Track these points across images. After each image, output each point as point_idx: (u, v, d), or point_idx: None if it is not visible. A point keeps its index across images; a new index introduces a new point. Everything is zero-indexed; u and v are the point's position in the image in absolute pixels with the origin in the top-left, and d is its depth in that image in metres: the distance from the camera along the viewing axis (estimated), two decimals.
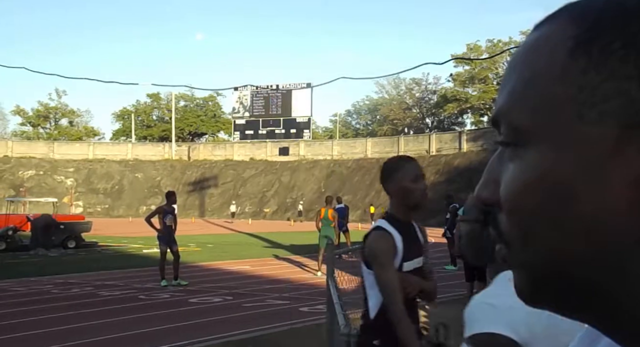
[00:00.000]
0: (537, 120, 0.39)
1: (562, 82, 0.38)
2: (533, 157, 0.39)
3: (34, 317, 8.11)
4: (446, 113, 62.79)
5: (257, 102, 57.58)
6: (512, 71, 0.41)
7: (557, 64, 0.38)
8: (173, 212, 11.24)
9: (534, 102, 0.39)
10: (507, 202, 0.40)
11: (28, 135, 69.01)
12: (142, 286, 11.04)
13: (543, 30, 0.41)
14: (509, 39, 52.84)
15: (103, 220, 39.95)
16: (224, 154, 57.55)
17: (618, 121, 0.36)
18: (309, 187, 51.06)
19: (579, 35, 0.38)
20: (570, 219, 0.37)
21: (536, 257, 0.39)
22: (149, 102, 72.78)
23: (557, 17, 0.41)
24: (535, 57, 0.40)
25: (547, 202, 0.38)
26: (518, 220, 0.40)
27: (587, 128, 0.37)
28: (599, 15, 0.38)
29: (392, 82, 69.24)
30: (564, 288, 0.39)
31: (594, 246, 0.37)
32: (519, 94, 0.40)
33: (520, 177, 0.39)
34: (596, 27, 0.38)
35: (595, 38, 0.38)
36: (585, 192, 0.36)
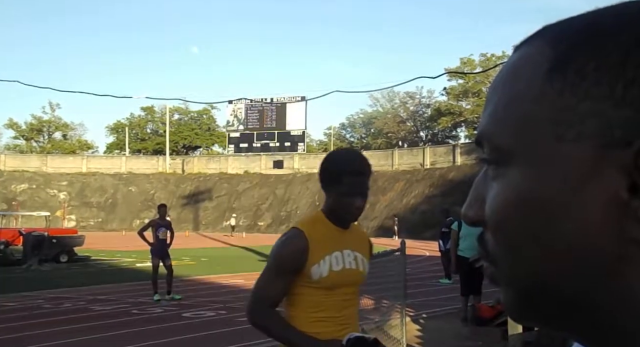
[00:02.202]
0: (518, 141, 0.39)
1: (540, 103, 0.38)
2: (515, 176, 0.39)
3: (25, 332, 8.02)
4: (440, 126, 63.01)
5: (251, 116, 57.64)
6: (493, 92, 0.42)
7: (534, 86, 0.39)
8: (168, 225, 11.19)
9: (515, 123, 0.40)
10: (491, 220, 0.41)
11: (21, 148, 68.74)
12: (135, 301, 10.95)
13: (521, 52, 0.42)
14: (502, 53, 53.22)
15: (96, 234, 39.71)
16: (218, 168, 57.48)
17: (595, 141, 0.36)
18: (304, 200, 50.99)
19: (555, 57, 0.39)
20: (552, 237, 0.38)
21: (521, 274, 0.40)
22: (143, 116, 72.72)
23: (534, 39, 0.41)
24: (514, 79, 0.41)
25: (529, 220, 0.38)
26: (502, 238, 0.40)
27: (566, 148, 0.37)
28: (574, 37, 0.39)
29: (386, 95, 69.51)
30: (549, 304, 0.39)
31: (576, 263, 0.37)
32: (499, 115, 0.41)
33: (502, 195, 0.40)
34: (571, 49, 0.38)
35: (570, 60, 0.38)
36: (566, 210, 0.37)
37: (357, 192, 2.20)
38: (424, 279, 14.10)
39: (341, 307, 2.24)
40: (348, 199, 2.20)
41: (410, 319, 8.60)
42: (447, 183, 44.24)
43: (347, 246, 2.28)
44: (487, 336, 7.68)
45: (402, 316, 7.22)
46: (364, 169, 2.22)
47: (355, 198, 2.20)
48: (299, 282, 2.21)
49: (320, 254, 2.20)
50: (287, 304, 2.26)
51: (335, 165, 2.24)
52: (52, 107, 70.02)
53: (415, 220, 40.35)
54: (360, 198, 2.21)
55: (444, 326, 8.63)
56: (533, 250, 0.39)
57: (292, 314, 2.24)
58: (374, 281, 10.34)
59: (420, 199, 44.29)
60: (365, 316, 8.53)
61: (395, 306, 7.59)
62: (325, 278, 2.19)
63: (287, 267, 2.19)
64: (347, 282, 2.25)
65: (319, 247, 2.20)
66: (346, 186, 2.19)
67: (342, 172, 2.19)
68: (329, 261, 2.20)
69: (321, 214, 2.32)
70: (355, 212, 2.24)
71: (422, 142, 64.45)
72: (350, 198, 2.20)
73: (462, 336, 8.10)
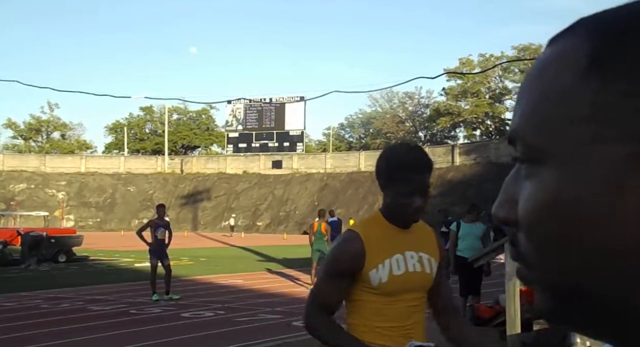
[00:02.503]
0: (552, 140, 0.38)
1: (576, 102, 0.37)
2: (549, 176, 0.38)
3: (24, 332, 8.01)
4: (439, 127, 63.04)
5: (250, 116, 57.62)
6: (526, 89, 0.41)
7: (570, 83, 0.38)
8: (166, 225, 11.18)
9: (549, 122, 0.39)
10: (525, 221, 0.40)
11: (20, 148, 68.66)
12: (133, 301, 10.94)
13: (556, 47, 0.40)
14: (500, 54, 53.33)
15: (95, 234, 39.68)
16: (217, 167, 57.45)
17: (633, 140, 0.35)
18: (302, 200, 50.99)
19: (592, 53, 0.38)
20: (589, 239, 0.37)
21: (555, 277, 0.39)
22: (142, 115, 72.68)
23: (570, 33, 0.40)
24: (548, 76, 0.39)
25: (565, 221, 0.38)
26: (536, 239, 0.39)
27: (602, 148, 0.36)
28: (613, 31, 0.37)
29: (385, 95, 69.58)
30: (585, 308, 0.38)
31: (614, 267, 0.36)
32: (533, 113, 0.40)
33: (536, 196, 0.39)
34: (611, 44, 0.37)
35: (609, 55, 0.37)
36: (604, 212, 0.36)
37: (416, 191, 2.01)
38: None
39: (406, 315, 2.06)
40: (406, 199, 2.02)
41: None
42: (446, 183, 44.26)
43: (409, 248, 2.10)
44: (486, 336, 7.68)
45: None
46: (424, 165, 2.04)
47: (414, 197, 2.01)
48: (357, 288, 2.04)
49: (378, 257, 2.03)
50: (347, 312, 2.10)
51: (393, 162, 2.04)
52: (51, 107, 70.02)
53: None
54: (419, 197, 2.02)
55: None
56: (568, 252, 0.38)
57: (351, 322, 2.07)
58: None
59: None
60: None
61: None
62: (386, 283, 2.01)
63: (342, 271, 2.03)
64: (411, 287, 2.07)
65: (377, 250, 2.03)
66: (404, 184, 2.01)
67: (400, 170, 2.01)
68: (388, 265, 2.03)
69: (379, 215, 2.12)
70: (415, 213, 2.05)
71: (421, 142, 64.45)
72: (409, 197, 2.01)
73: None
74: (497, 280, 9.47)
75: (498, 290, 8.90)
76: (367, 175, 50.42)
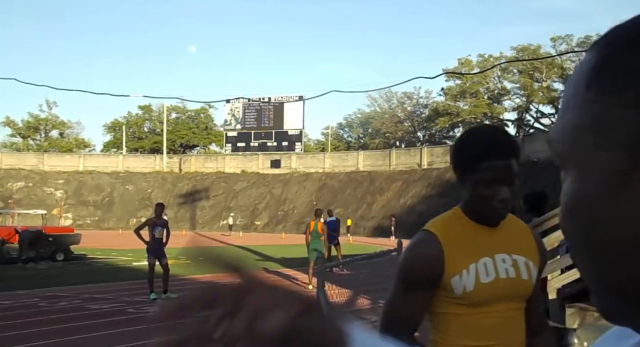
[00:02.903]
0: (567, 147, 0.41)
1: (581, 111, 0.40)
2: (568, 181, 0.42)
3: (22, 330, 8.00)
4: (437, 127, 63.07)
5: (249, 115, 57.60)
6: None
7: (579, 94, 0.41)
8: (164, 224, 11.18)
9: (564, 130, 0.42)
10: (560, 223, 0.43)
11: (18, 146, 68.55)
12: (131, 299, 10.93)
13: (583, 57, 0.43)
14: (499, 54, 53.35)
15: (93, 232, 39.65)
16: (215, 167, 57.43)
17: (627, 149, 0.37)
18: (301, 199, 51.00)
19: (595, 65, 0.40)
20: (599, 241, 0.39)
21: (588, 276, 0.42)
22: (141, 114, 72.61)
23: (594, 44, 0.43)
24: (568, 87, 0.43)
25: (579, 224, 0.40)
26: (568, 241, 0.43)
27: (602, 156, 0.38)
28: (613, 44, 0.40)
29: (383, 95, 69.61)
30: (620, 305, 0.40)
31: (626, 267, 0.38)
32: (557, 122, 0.43)
33: (562, 200, 0.42)
34: (609, 56, 0.39)
35: (606, 67, 0.39)
36: (610, 216, 0.38)
37: (500, 180, 1.65)
38: None
39: (500, 331, 1.70)
40: (489, 189, 1.66)
41: None
42: (444, 183, 44.29)
43: (500, 250, 1.73)
44: None
45: None
46: (508, 149, 1.67)
47: (499, 187, 1.66)
48: (440, 298, 1.73)
49: (461, 262, 1.70)
50: (431, 327, 1.80)
51: (471, 147, 1.69)
52: (49, 105, 69.92)
53: (412, 220, 40.35)
54: (505, 187, 1.66)
55: None
56: (588, 254, 0.40)
57: (435, 340, 1.78)
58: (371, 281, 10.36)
59: (417, 199, 44.35)
60: (362, 315, 8.54)
61: None
62: (472, 293, 1.68)
63: (417, 280, 1.72)
64: (505, 296, 1.71)
65: (459, 253, 1.71)
66: (485, 172, 1.65)
67: (480, 155, 1.66)
68: (474, 271, 1.69)
69: (459, 211, 1.78)
70: (499, 206, 1.68)
71: (420, 142, 64.51)
72: (492, 188, 1.66)
73: None
74: None
75: None
76: (366, 175, 50.46)
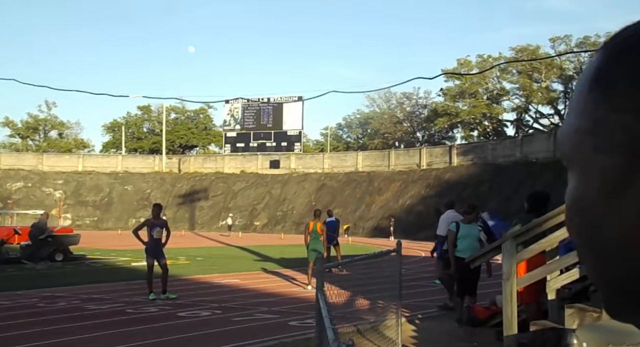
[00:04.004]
0: (571, 149, 0.43)
1: (583, 115, 0.41)
2: (571, 182, 0.43)
3: (20, 331, 7.99)
4: (437, 127, 63.06)
5: (248, 115, 57.58)
6: None
7: (582, 97, 0.42)
8: (163, 225, 11.17)
9: (568, 133, 0.43)
10: (565, 221, 0.45)
11: (17, 147, 68.48)
12: (130, 300, 10.92)
13: (591, 59, 0.44)
14: (498, 55, 53.35)
15: (92, 232, 39.62)
16: (214, 167, 57.40)
17: (625, 152, 0.38)
18: (300, 200, 50.98)
19: (596, 68, 0.41)
20: (599, 241, 0.40)
21: (591, 275, 0.43)
22: (140, 115, 72.59)
23: (601, 47, 0.43)
24: (575, 90, 0.44)
25: (580, 224, 0.42)
26: (573, 240, 0.44)
27: (601, 159, 0.39)
28: (614, 49, 0.41)
29: (383, 96, 69.61)
30: (623, 303, 0.41)
31: (625, 267, 0.39)
32: (564, 123, 0.44)
33: (566, 200, 0.44)
34: (610, 60, 0.40)
35: (606, 71, 0.40)
36: (605, 217, 0.40)
37: None
38: (419, 280, 14.11)
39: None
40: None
41: (406, 319, 8.60)
42: (443, 184, 44.28)
43: None
44: (482, 337, 7.69)
45: (398, 317, 7.22)
46: None
47: None
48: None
49: None
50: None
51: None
52: (49, 106, 69.87)
53: (411, 220, 40.36)
54: None
55: (439, 326, 8.64)
56: (589, 252, 0.42)
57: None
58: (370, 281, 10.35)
59: (416, 199, 44.33)
60: (361, 316, 8.54)
61: (390, 306, 7.59)
62: None
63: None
64: None
65: None
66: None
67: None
68: None
69: None
70: None
71: (419, 142, 64.52)
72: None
73: (457, 336, 8.10)
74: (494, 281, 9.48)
75: (495, 291, 8.91)
76: (365, 175, 50.44)
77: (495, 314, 8.02)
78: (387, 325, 7.57)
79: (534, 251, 6.58)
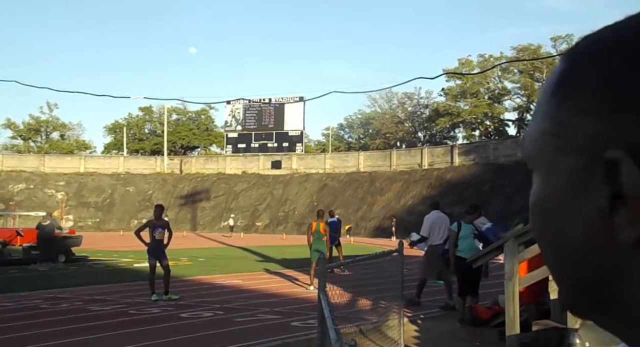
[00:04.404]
0: (535, 152, 0.44)
1: (547, 117, 0.42)
2: (535, 183, 0.44)
3: (23, 332, 8.01)
4: (438, 127, 63.06)
5: (249, 116, 57.62)
6: None
7: (545, 101, 0.43)
8: (165, 226, 11.18)
9: (534, 135, 0.44)
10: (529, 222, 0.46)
11: (19, 148, 68.60)
12: (132, 301, 10.93)
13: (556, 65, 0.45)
14: (500, 54, 53.35)
15: (94, 234, 39.66)
16: (216, 168, 57.44)
17: (584, 154, 0.39)
18: (301, 200, 50.99)
19: (560, 73, 0.43)
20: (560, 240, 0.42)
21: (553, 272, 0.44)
22: (141, 116, 72.68)
23: (564, 53, 0.45)
24: (540, 93, 0.45)
25: (543, 224, 0.43)
26: (536, 241, 0.45)
27: (563, 160, 0.41)
28: (577, 53, 0.42)
29: (384, 96, 69.61)
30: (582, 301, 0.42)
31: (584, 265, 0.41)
32: (529, 126, 0.45)
33: (530, 200, 0.45)
34: (573, 65, 0.42)
35: (568, 76, 0.42)
36: (566, 217, 0.41)
37: None
38: None
39: None
40: None
41: (408, 319, 8.60)
42: (445, 184, 44.27)
43: None
44: (484, 337, 7.69)
45: (400, 317, 7.22)
46: None
47: None
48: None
49: None
50: None
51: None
52: (50, 107, 70.02)
53: (412, 221, 40.32)
54: None
55: (441, 326, 8.64)
56: (551, 252, 0.43)
57: None
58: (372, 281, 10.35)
59: (417, 199, 44.30)
60: (363, 316, 8.54)
61: (392, 306, 7.59)
62: None
63: None
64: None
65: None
66: None
67: None
68: None
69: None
70: None
71: (420, 142, 64.51)
72: None
73: (459, 336, 8.10)
74: (496, 281, 9.48)
75: (497, 291, 8.90)
76: (366, 175, 50.44)
77: (497, 314, 8.01)
78: (390, 325, 7.57)
79: (535, 250, 6.58)
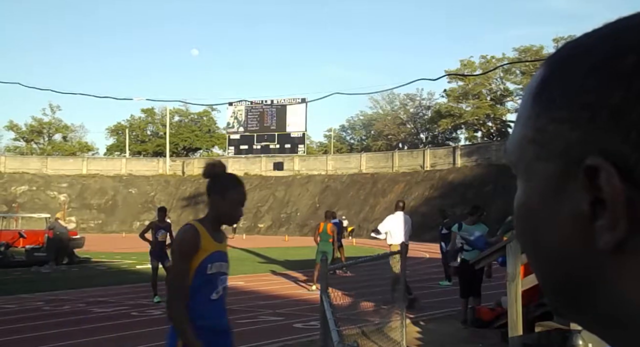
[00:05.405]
0: (517, 157, 0.45)
1: (527, 124, 0.44)
2: (518, 188, 0.46)
3: (25, 334, 8.01)
4: (440, 128, 63.02)
5: (251, 117, 57.65)
6: None
7: (526, 107, 0.44)
8: (167, 228, 11.20)
9: (515, 141, 0.45)
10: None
11: (21, 150, 68.72)
12: (134, 303, 10.94)
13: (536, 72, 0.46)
14: (502, 55, 53.30)
15: (96, 235, 39.70)
16: None
17: (561, 160, 0.41)
18: (304, 202, 50.98)
19: (540, 80, 0.44)
20: (540, 245, 0.43)
21: (536, 275, 0.46)
22: (143, 117, 72.73)
23: (545, 60, 0.46)
24: (522, 100, 0.46)
25: (525, 228, 0.44)
26: (519, 244, 0.47)
27: (542, 166, 0.42)
28: (558, 60, 0.44)
29: (386, 97, 69.61)
30: (564, 304, 0.44)
31: (564, 269, 0.42)
32: (512, 133, 0.47)
33: (514, 205, 0.46)
34: (551, 73, 0.43)
35: (547, 83, 0.43)
36: (544, 222, 0.42)
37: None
38: (423, 281, 14.09)
39: None
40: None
41: (410, 321, 8.58)
42: (447, 185, 44.23)
43: None
44: (487, 339, 7.68)
45: (402, 318, 7.21)
46: None
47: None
48: None
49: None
50: None
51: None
52: (53, 109, 70.10)
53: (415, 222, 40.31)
54: None
55: (443, 328, 8.62)
56: (533, 255, 0.44)
57: None
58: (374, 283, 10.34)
59: (420, 201, 44.28)
60: (365, 318, 8.53)
61: (395, 308, 7.58)
62: None
63: None
64: None
65: None
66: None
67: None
68: None
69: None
70: None
71: (422, 144, 64.47)
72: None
73: (462, 338, 8.08)
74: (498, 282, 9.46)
75: (499, 292, 8.88)
76: (369, 177, 50.41)
77: (500, 315, 8.00)
78: (392, 327, 7.56)
79: None
